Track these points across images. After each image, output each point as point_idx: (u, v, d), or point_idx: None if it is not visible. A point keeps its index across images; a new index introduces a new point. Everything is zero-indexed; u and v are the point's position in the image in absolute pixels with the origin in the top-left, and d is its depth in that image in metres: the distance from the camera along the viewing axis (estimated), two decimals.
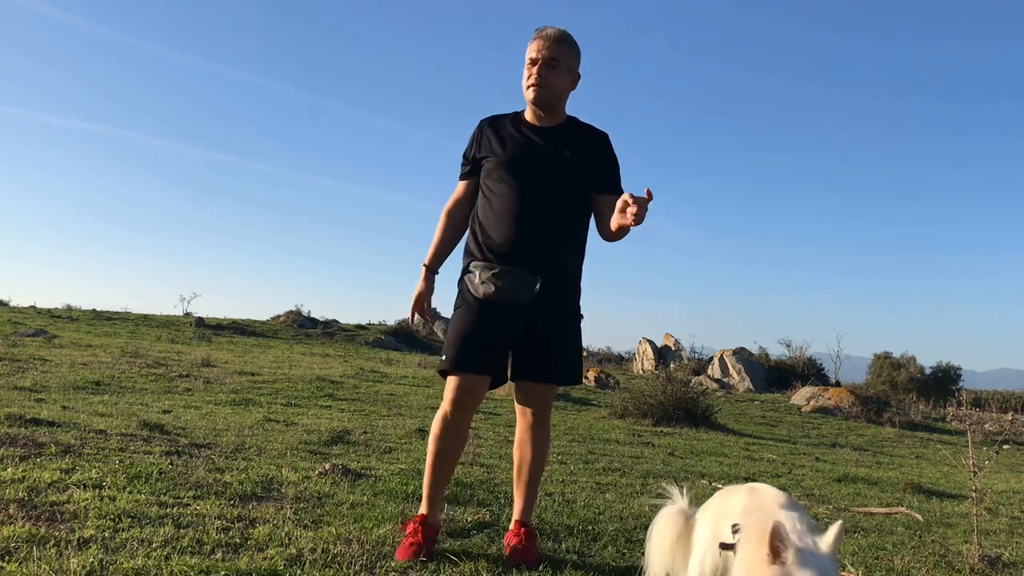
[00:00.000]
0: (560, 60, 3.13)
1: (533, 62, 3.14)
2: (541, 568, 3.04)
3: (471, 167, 3.28)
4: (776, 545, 1.95)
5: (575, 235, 3.23)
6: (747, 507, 2.32)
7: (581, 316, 3.29)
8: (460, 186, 3.33)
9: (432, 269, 3.30)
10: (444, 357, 3.13)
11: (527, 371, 3.18)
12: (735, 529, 2.24)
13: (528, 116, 3.25)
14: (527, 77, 3.15)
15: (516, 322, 3.10)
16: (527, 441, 3.21)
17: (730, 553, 2.25)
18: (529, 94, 3.15)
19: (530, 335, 3.12)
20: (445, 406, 3.10)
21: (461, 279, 3.22)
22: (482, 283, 3.07)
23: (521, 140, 3.18)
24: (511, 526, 3.24)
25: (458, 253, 3.33)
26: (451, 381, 3.10)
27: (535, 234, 3.08)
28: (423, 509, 3.13)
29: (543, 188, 3.12)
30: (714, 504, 2.50)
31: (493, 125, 3.26)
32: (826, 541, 2.02)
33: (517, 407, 3.26)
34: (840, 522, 2.08)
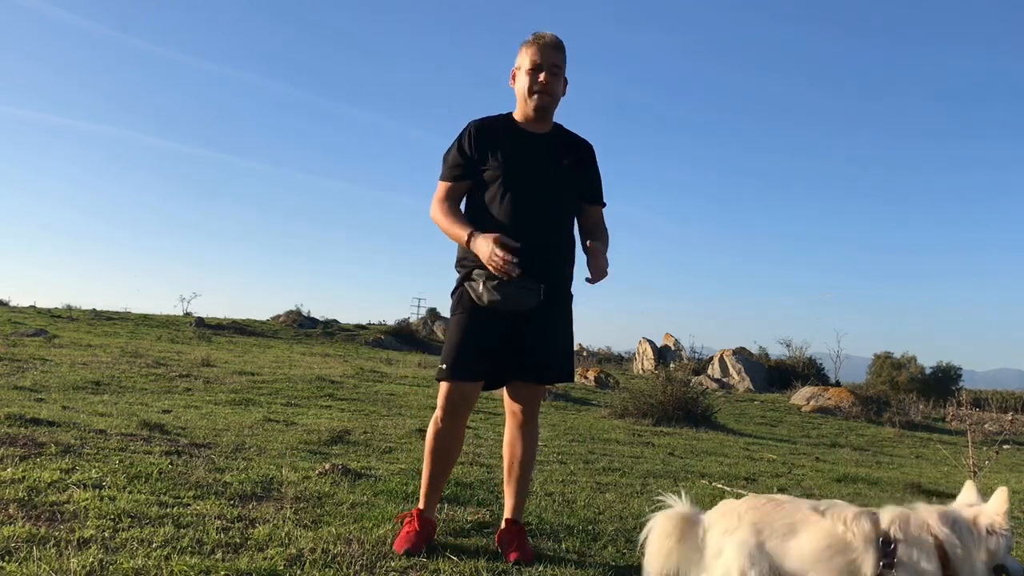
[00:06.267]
0: (561, 68, 3.12)
1: (536, 68, 3.08)
2: (541, 568, 3.04)
3: (467, 170, 3.15)
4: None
5: (571, 241, 3.25)
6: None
7: (571, 296, 3.27)
8: (446, 186, 3.18)
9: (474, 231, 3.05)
10: (443, 365, 3.13)
11: (522, 372, 3.18)
12: (888, 542, 2.27)
13: (521, 121, 3.19)
14: (530, 84, 3.09)
15: (514, 327, 3.10)
16: (518, 440, 3.25)
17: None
18: (534, 101, 3.11)
19: (527, 338, 3.12)
20: (439, 411, 3.16)
21: (460, 285, 3.17)
22: (486, 291, 3.03)
23: (523, 150, 3.14)
24: (503, 524, 3.27)
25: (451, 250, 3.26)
26: (444, 387, 3.14)
27: (539, 245, 3.06)
28: (420, 504, 3.22)
29: (546, 199, 3.12)
30: (748, 519, 2.40)
31: (488, 130, 3.16)
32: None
33: (508, 406, 3.28)
34: (1004, 488, 2.28)
